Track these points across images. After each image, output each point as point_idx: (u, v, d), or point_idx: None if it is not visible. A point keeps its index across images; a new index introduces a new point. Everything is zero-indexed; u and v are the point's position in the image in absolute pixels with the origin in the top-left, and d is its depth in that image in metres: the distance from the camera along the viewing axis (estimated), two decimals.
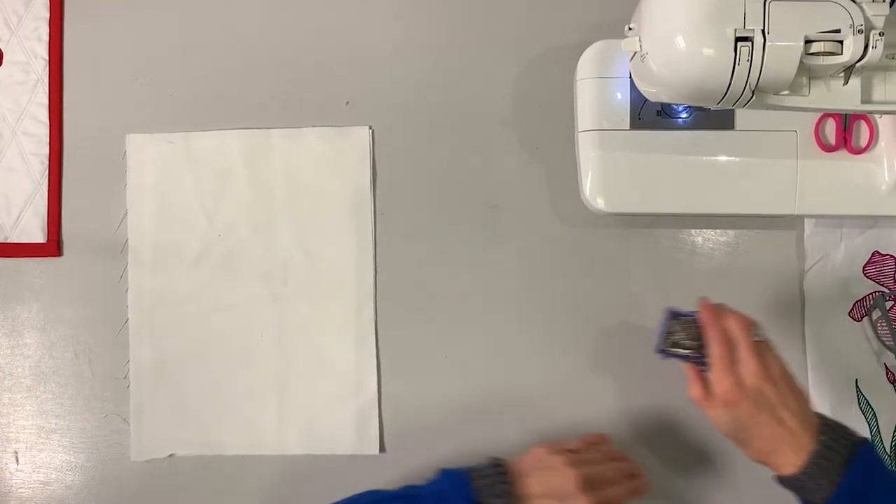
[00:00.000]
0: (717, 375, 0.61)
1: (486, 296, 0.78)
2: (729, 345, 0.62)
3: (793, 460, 0.58)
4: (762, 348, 0.62)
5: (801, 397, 0.61)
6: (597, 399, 0.77)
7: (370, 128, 0.78)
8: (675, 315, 0.67)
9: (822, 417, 0.61)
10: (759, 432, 0.60)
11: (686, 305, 0.77)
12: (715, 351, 0.62)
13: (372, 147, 0.78)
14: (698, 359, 0.64)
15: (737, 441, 0.61)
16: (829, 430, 0.59)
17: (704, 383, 0.63)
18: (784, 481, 0.60)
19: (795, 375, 0.63)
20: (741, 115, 0.72)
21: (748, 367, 0.60)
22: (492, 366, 0.77)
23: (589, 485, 0.61)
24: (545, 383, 0.77)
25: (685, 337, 0.65)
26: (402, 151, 0.79)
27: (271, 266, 0.78)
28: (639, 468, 0.66)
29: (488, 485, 0.62)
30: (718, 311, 0.64)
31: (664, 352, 0.67)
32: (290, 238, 0.78)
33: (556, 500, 0.61)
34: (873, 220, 0.77)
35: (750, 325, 0.63)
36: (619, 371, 0.77)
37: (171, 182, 0.78)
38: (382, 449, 0.77)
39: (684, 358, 0.65)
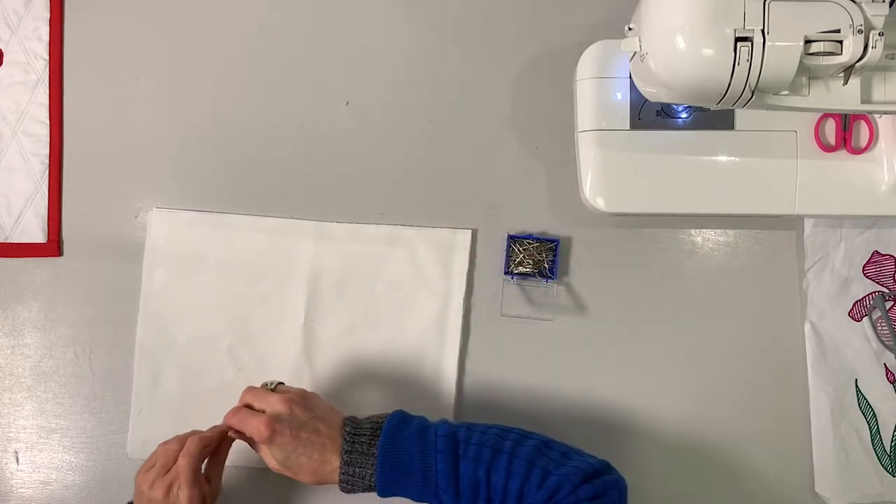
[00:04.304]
0: (245, 423, 0.64)
1: None
2: (242, 408, 0.66)
3: (337, 461, 0.63)
4: (278, 390, 0.67)
5: (328, 409, 0.67)
6: (598, 394, 0.77)
7: None
8: (513, 239, 0.75)
9: (351, 418, 0.66)
10: (305, 450, 0.63)
11: (686, 305, 0.78)
12: (229, 415, 0.66)
13: None
14: (539, 275, 0.75)
15: (293, 472, 0.64)
16: (351, 423, 0.65)
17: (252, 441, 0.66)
18: (342, 486, 0.64)
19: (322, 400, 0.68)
20: (741, 115, 0.72)
21: (270, 400, 0.65)
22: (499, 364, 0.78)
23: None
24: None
25: (525, 257, 0.75)
26: (401, 151, 0.79)
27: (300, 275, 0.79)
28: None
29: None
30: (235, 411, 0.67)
31: (511, 273, 0.75)
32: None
33: None
34: (873, 220, 0.77)
35: (254, 389, 0.67)
36: (618, 369, 0.77)
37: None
38: None
39: (528, 276, 0.75)
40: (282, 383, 0.69)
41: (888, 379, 0.77)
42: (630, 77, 0.67)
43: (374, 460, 0.63)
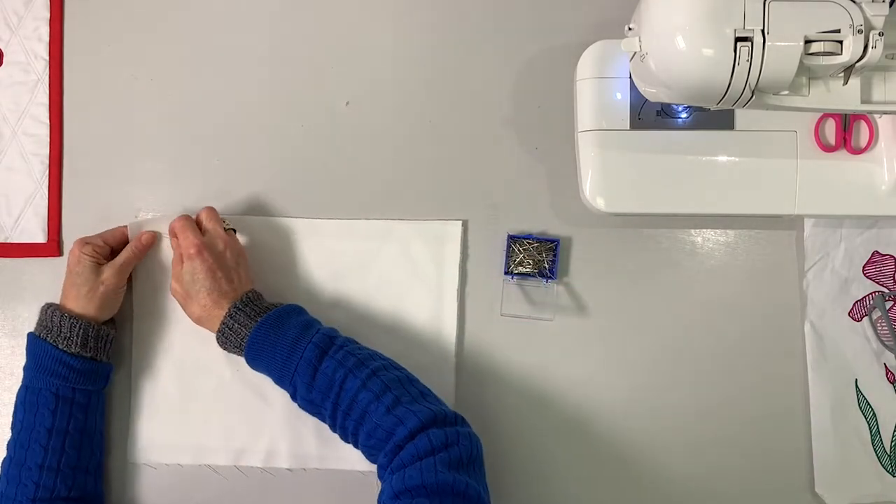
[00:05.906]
0: (185, 233, 0.70)
1: None
2: (193, 219, 0.73)
3: (225, 312, 0.69)
4: (228, 232, 0.74)
5: (249, 276, 0.73)
6: (598, 393, 0.77)
7: None
8: (513, 239, 0.75)
9: (258, 292, 0.71)
10: (209, 287, 0.68)
11: (686, 305, 0.77)
12: (177, 222, 0.71)
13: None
14: (539, 275, 0.75)
15: (188, 297, 0.70)
16: (256, 293, 0.71)
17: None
18: (218, 335, 0.69)
19: None
20: (741, 115, 0.72)
21: (217, 233, 0.71)
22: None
23: None
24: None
25: (525, 257, 0.75)
26: (401, 151, 0.79)
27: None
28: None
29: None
30: (185, 219, 0.73)
31: (511, 273, 0.75)
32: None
33: None
34: (873, 220, 0.77)
35: (217, 215, 0.74)
36: (618, 369, 0.77)
37: None
38: None
39: (528, 276, 0.75)
40: (235, 231, 0.75)
41: (888, 379, 0.77)
42: (630, 77, 0.67)
43: (255, 325, 0.67)
